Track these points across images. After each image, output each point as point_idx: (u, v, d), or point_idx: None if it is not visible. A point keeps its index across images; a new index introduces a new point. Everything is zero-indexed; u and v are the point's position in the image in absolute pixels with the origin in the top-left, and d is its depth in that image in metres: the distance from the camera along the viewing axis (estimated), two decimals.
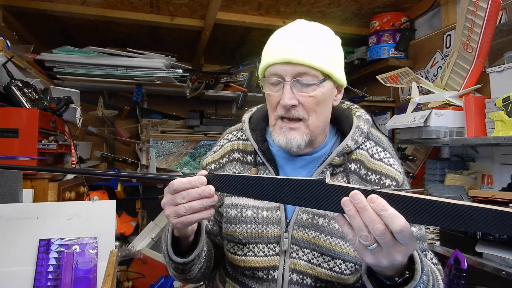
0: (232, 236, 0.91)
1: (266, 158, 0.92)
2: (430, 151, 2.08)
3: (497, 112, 1.39)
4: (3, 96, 1.54)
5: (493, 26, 1.52)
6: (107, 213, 1.21)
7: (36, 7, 2.05)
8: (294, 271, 0.86)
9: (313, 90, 0.82)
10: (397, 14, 2.28)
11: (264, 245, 0.88)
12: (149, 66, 2.32)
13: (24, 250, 1.10)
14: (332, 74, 0.84)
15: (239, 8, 2.20)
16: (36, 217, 1.15)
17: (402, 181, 0.90)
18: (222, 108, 3.19)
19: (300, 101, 0.83)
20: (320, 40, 0.84)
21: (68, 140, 1.82)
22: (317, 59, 0.81)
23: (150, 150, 2.91)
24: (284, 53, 0.82)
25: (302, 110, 0.84)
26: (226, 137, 1.03)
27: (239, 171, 0.95)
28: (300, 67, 0.81)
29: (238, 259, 0.90)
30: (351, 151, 0.90)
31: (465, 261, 1.38)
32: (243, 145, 0.98)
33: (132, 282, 2.21)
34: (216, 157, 1.00)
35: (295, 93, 0.82)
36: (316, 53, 0.81)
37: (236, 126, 1.05)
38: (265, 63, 0.86)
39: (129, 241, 2.47)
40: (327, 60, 0.83)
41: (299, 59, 0.80)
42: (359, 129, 0.91)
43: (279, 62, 0.82)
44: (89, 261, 1.12)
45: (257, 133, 0.95)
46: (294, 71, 0.81)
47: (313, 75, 0.82)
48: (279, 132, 0.86)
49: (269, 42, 0.89)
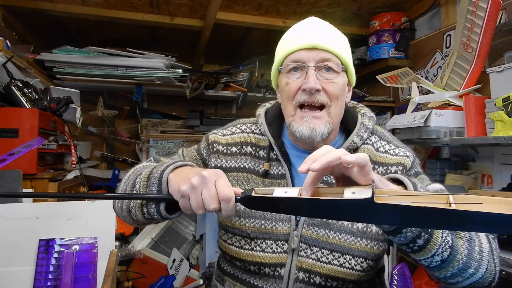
0: (240, 230, 0.90)
1: (282, 154, 0.91)
2: (430, 151, 2.08)
3: (497, 112, 1.39)
4: (3, 96, 1.54)
5: (493, 26, 1.51)
6: (107, 213, 1.21)
7: (36, 7, 2.05)
8: (300, 269, 0.86)
9: (335, 77, 0.83)
10: (397, 14, 2.28)
11: (273, 242, 0.88)
12: (149, 66, 2.32)
13: (24, 250, 1.10)
14: (349, 66, 0.86)
15: (239, 8, 2.20)
16: (36, 217, 1.15)
17: (411, 164, 0.89)
18: (222, 108, 3.19)
19: (323, 87, 0.82)
20: (338, 33, 0.87)
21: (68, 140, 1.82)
22: (339, 48, 0.83)
23: (150, 150, 2.90)
24: (309, 39, 0.82)
25: (326, 96, 0.82)
26: (238, 127, 1.00)
27: (250, 166, 0.93)
28: (325, 53, 0.81)
29: (244, 253, 0.89)
30: (357, 147, 0.90)
31: None
32: (257, 139, 0.96)
33: (132, 282, 2.21)
34: (225, 141, 0.97)
35: (320, 78, 0.82)
36: (338, 42, 0.83)
37: (250, 119, 1.03)
38: (285, 51, 0.85)
39: (129, 241, 2.47)
40: (345, 52, 0.85)
41: (324, 44, 0.81)
42: (364, 126, 0.91)
43: (302, 48, 0.82)
44: (89, 261, 1.12)
45: (273, 128, 0.94)
46: (318, 57, 0.82)
47: (336, 63, 0.83)
48: (300, 121, 0.84)
49: (286, 34, 0.90)
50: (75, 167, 1.83)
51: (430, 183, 0.88)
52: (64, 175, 1.77)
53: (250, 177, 0.92)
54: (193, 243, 2.54)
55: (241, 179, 0.92)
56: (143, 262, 2.27)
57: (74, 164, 1.80)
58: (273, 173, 0.91)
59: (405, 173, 0.88)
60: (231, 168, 0.94)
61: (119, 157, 2.86)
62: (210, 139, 0.99)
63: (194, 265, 2.46)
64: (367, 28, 2.42)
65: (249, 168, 0.93)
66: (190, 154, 1.01)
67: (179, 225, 2.56)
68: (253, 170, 0.93)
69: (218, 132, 1.01)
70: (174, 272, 2.32)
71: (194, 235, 2.54)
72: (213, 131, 1.02)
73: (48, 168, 1.67)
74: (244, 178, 0.92)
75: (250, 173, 0.93)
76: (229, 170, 0.94)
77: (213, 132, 1.01)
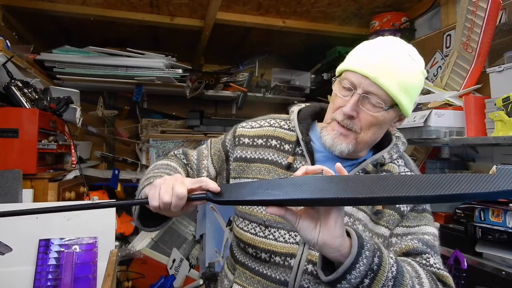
0: (257, 216, 0.93)
1: (307, 150, 0.94)
2: (430, 151, 2.07)
3: (497, 112, 1.39)
4: (3, 96, 1.54)
5: (493, 26, 1.51)
6: (107, 213, 1.21)
7: (36, 7, 2.05)
8: (310, 262, 0.88)
9: (377, 111, 0.86)
10: (397, 14, 2.28)
11: (286, 232, 0.90)
12: (149, 66, 2.32)
13: (24, 250, 1.10)
14: (401, 104, 0.86)
15: (239, 8, 2.20)
16: (36, 217, 1.15)
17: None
18: (222, 108, 3.19)
19: (359, 115, 0.86)
20: (406, 68, 0.85)
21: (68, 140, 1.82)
22: (393, 86, 0.83)
23: (150, 150, 2.90)
24: (366, 67, 0.84)
25: (358, 125, 0.87)
26: (268, 121, 1.04)
27: (273, 158, 0.96)
28: (375, 86, 0.83)
29: (258, 240, 0.92)
30: (385, 163, 0.94)
31: (465, 261, 1.39)
32: (284, 134, 1.00)
33: (132, 282, 2.21)
34: (252, 133, 1.01)
35: (360, 106, 0.85)
36: (396, 80, 0.83)
37: (282, 115, 1.07)
38: (346, 66, 0.89)
39: (129, 241, 2.47)
40: (403, 90, 0.85)
41: (377, 79, 0.83)
42: (397, 147, 0.96)
43: (358, 72, 0.85)
44: (89, 261, 1.12)
45: (303, 125, 0.98)
46: (367, 87, 0.84)
47: (383, 99, 0.84)
48: (330, 132, 0.90)
49: (359, 47, 0.92)
50: (75, 167, 1.82)
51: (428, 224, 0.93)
52: (64, 175, 1.77)
53: (272, 168, 0.95)
54: (193, 243, 2.54)
55: (263, 170, 0.96)
56: (143, 262, 2.27)
57: (74, 164, 1.80)
58: (296, 167, 0.94)
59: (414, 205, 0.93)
60: (254, 159, 0.98)
61: (119, 157, 2.86)
62: (237, 132, 1.03)
63: (194, 265, 2.46)
64: (367, 28, 2.42)
65: (271, 160, 0.96)
66: (215, 147, 1.06)
67: (179, 225, 2.57)
68: (276, 162, 0.96)
69: (247, 124, 1.05)
70: (174, 272, 2.32)
71: (194, 235, 2.54)
72: (242, 124, 1.06)
73: (48, 168, 1.67)
74: (266, 169, 0.96)
75: (273, 164, 0.96)
76: (252, 160, 0.98)
77: (241, 125, 1.05)
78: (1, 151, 1.43)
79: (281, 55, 2.89)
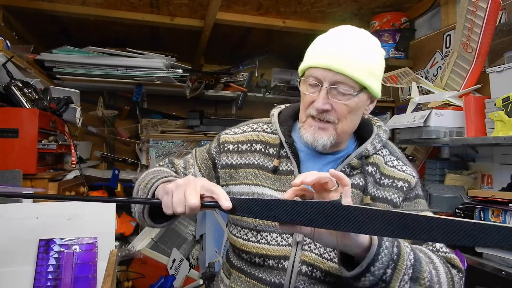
0: (247, 222, 0.93)
1: (292, 152, 0.94)
2: (430, 151, 2.08)
3: (497, 112, 1.39)
4: (3, 96, 1.54)
5: (493, 26, 1.52)
6: (107, 213, 1.21)
7: (36, 7, 2.05)
8: (304, 262, 0.88)
9: (348, 99, 0.86)
10: (397, 14, 2.28)
11: (278, 235, 0.91)
12: (149, 66, 2.32)
13: (24, 250, 1.10)
14: (369, 86, 0.86)
15: (239, 8, 2.20)
16: (36, 217, 1.15)
17: (415, 184, 0.95)
18: (222, 108, 3.19)
19: (333, 107, 0.86)
20: (364, 52, 0.85)
21: (68, 140, 1.82)
22: (357, 71, 0.83)
23: (150, 150, 2.90)
24: (326, 60, 0.84)
25: (334, 115, 0.87)
26: (250, 126, 1.05)
27: (259, 162, 0.97)
28: (340, 76, 0.83)
29: (251, 245, 0.92)
30: (369, 155, 0.94)
31: (465, 261, 1.39)
32: (267, 137, 1.00)
33: (132, 282, 2.21)
34: (236, 139, 1.01)
35: (330, 98, 0.85)
36: (358, 64, 0.84)
37: (263, 119, 1.07)
38: (306, 64, 0.90)
39: (129, 241, 2.47)
40: (367, 73, 0.85)
41: (340, 68, 0.83)
42: (379, 137, 0.96)
43: (320, 67, 0.85)
44: (89, 261, 1.12)
45: (284, 127, 0.98)
46: (332, 79, 0.84)
47: (351, 86, 0.85)
48: (308, 129, 0.90)
49: (315, 43, 0.91)
50: (75, 167, 1.83)
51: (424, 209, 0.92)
52: (64, 175, 1.77)
53: (258, 173, 0.96)
54: (193, 243, 2.53)
55: (250, 175, 0.96)
56: (143, 262, 2.27)
57: (74, 164, 1.80)
58: (282, 169, 0.95)
59: (408, 191, 0.93)
60: (241, 165, 0.98)
61: (119, 157, 2.86)
62: (221, 139, 1.03)
63: (194, 265, 2.46)
64: (367, 28, 2.41)
65: (257, 164, 0.97)
66: (201, 155, 1.06)
67: (179, 225, 2.56)
68: (262, 166, 0.96)
69: (230, 131, 1.05)
70: (174, 272, 2.32)
71: (194, 235, 2.54)
72: (225, 131, 1.06)
73: (48, 168, 1.67)
74: (253, 174, 0.96)
75: (259, 169, 0.96)
76: (239, 166, 0.98)
77: (225, 132, 1.05)
78: (1, 151, 1.43)
79: (281, 55, 2.89)
